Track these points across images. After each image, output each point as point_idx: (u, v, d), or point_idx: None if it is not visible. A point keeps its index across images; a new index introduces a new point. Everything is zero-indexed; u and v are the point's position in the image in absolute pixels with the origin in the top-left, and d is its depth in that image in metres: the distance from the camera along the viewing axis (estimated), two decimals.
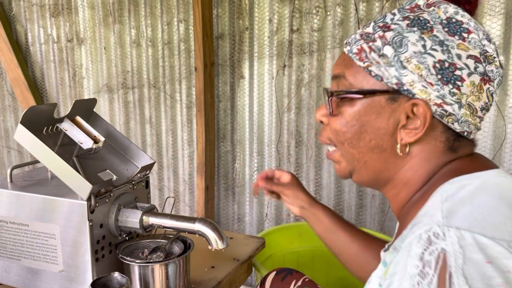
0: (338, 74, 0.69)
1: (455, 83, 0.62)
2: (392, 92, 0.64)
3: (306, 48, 1.98)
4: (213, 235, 0.93)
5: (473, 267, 0.49)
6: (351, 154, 0.70)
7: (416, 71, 0.62)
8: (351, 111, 0.67)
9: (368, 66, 0.65)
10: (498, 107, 1.68)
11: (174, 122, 2.35)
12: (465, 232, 0.51)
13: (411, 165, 0.67)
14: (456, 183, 0.60)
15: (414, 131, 0.64)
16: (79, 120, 1.04)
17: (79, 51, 2.54)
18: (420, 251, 0.52)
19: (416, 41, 0.62)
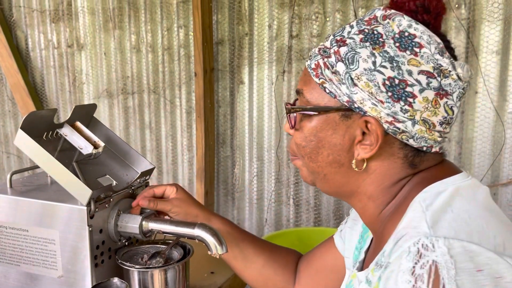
0: (298, 90, 0.71)
1: (407, 99, 0.61)
2: (344, 109, 0.64)
3: (306, 54, 1.99)
4: (213, 240, 0.92)
5: (465, 276, 0.49)
6: (311, 167, 0.71)
7: (366, 89, 0.62)
8: (309, 127, 0.69)
9: (322, 83, 0.66)
10: (498, 113, 1.68)
11: (173, 128, 2.35)
12: (453, 241, 0.51)
13: (372, 180, 0.67)
14: (430, 191, 0.60)
15: (370, 147, 0.64)
16: (79, 126, 1.04)
17: (79, 56, 2.55)
18: (411, 265, 0.51)
19: (367, 57, 0.62)
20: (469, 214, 0.55)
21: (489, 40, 1.68)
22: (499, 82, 1.69)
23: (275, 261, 0.98)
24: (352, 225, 0.88)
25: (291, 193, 2.13)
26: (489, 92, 1.69)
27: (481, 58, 1.69)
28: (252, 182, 2.21)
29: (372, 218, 0.70)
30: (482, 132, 1.72)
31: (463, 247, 0.51)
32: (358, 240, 0.84)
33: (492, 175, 1.72)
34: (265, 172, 2.17)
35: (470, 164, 1.75)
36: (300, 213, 2.13)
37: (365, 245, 0.80)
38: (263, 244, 1.00)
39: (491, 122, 1.70)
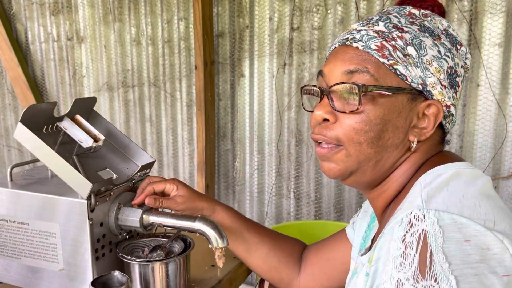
0: (357, 68, 0.65)
1: (456, 88, 0.68)
2: (414, 92, 0.66)
3: (307, 46, 1.98)
4: (213, 233, 0.93)
5: (452, 245, 0.52)
6: (366, 154, 0.67)
7: (437, 74, 0.65)
8: (376, 109, 0.65)
9: (393, 64, 0.64)
10: (499, 106, 1.68)
11: (174, 121, 2.35)
12: (444, 213, 0.54)
13: (411, 159, 0.69)
14: (432, 173, 0.63)
15: (424, 131, 0.67)
16: (79, 119, 1.03)
17: (79, 49, 2.54)
18: (402, 234, 0.54)
19: (432, 46, 0.66)
20: (464, 194, 0.58)
21: (492, 32, 1.67)
22: (501, 75, 1.68)
23: (279, 249, 0.99)
24: (362, 216, 0.90)
25: (291, 187, 2.13)
26: (491, 85, 1.68)
27: (483, 51, 1.68)
28: (253, 175, 2.21)
29: (387, 201, 0.72)
30: (483, 125, 1.72)
31: (452, 219, 0.53)
32: (365, 230, 0.85)
33: (493, 168, 1.72)
34: (265, 165, 2.17)
35: (471, 158, 1.75)
36: (300, 206, 2.13)
37: (370, 233, 0.81)
38: (267, 233, 1.01)
39: (493, 115, 1.70)
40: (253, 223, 1.03)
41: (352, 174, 0.70)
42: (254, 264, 1.01)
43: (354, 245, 0.87)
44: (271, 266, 0.99)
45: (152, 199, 0.96)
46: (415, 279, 0.51)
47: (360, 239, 0.86)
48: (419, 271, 0.51)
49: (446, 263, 0.50)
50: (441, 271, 0.50)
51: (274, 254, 0.98)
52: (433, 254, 0.51)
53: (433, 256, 0.51)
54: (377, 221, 0.81)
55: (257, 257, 1.00)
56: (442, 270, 0.50)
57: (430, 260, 0.51)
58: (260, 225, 1.04)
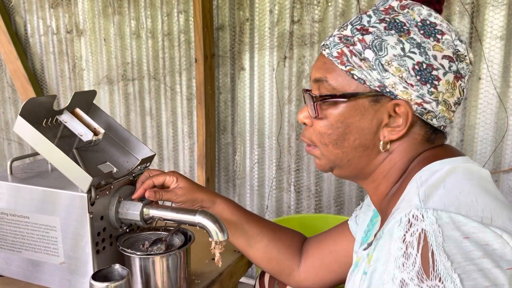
0: (320, 78, 0.70)
1: (433, 82, 0.66)
2: (375, 94, 0.67)
3: (307, 39, 1.97)
4: (214, 227, 0.93)
5: (452, 243, 0.52)
6: (335, 154, 0.72)
7: (397, 74, 0.65)
8: (336, 114, 0.70)
9: (350, 70, 0.67)
10: (501, 99, 1.67)
11: (174, 114, 2.35)
12: (441, 212, 0.54)
13: (391, 159, 0.70)
14: (428, 170, 0.64)
15: (397, 129, 0.68)
16: (79, 112, 1.03)
17: (78, 42, 2.53)
18: (401, 234, 0.55)
19: (395, 44, 0.65)
20: (461, 190, 0.59)
21: (493, 25, 1.66)
22: (503, 68, 1.67)
23: (279, 240, 0.99)
24: (365, 210, 0.91)
25: (292, 180, 2.13)
26: (493, 78, 1.68)
27: (485, 44, 1.67)
28: (253, 169, 2.21)
29: (381, 197, 0.74)
30: (484, 119, 1.71)
31: (450, 217, 0.54)
32: (367, 224, 0.85)
33: (494, 162, 1.72)
34: (266, 159, 2.17)
35: (472, 151, 1.75)
36: (301, 199, 2.13)
37: (373, 228, 0.81)
38: (267, 224, 1.01)
39: (494, 108, 1.69)
40: (253, 215, 1.03)
41: (332, 169, 0.76)
42: (254, 256, 1.01)
43: (357, 239, 0.87)
44: (271, 257, 0.99)
45: (152, 192, 0.96)
46: (420, 279, 0.52)
47: (362, 233, 0.86)
48: (423, 270, 0.52)
49: (448, 262, 0.51)
50: (444, 270, 0.51)
51: (274, 246, 0.98)
52: (435, 253, 0.52)
53: (435, 255, 0.52)
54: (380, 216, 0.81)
55: (257, 249, 1.00)
56: (445, 269, 0.51)
57: (432, 260, 0.51)
58: (259, 217, 1.04)
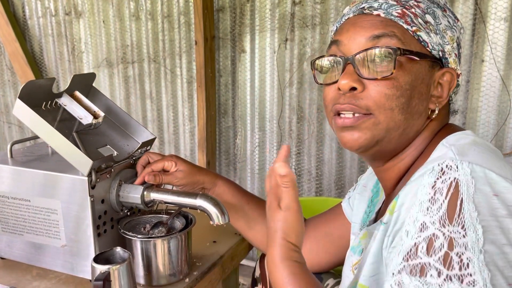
0: (383, 33, 0.64)
1: (460, 59, 0.69)
2: (436, 59, 0.67)
3: (309, 21, 1.94)
4: (215, 210, 0.93)
5: (482, 197, 0.52)
6: (397, 120, 0.65)
7: (451, 42, 0.67)
8: (406, 74, 0.64)
9: (416, 30, 0.65)
10: (504, 82, 1.66)
11: (174, 97, 2.33)
12: (476, 166, 0.54)
13: (429, 127, 0.70)
14: (454, 137, 0.64)
15: (440, 99, 0.68)
16: (78, 95, 1.02)
17: (77, 24, 2.50)
18: (432, 180, 0.55)
19: (442, 17, 0.67)
20: (490, 154, 0.59)
21: (498, 6, 1.63)
22: (507, 50, 1.65)
23: None
24: (361, 191, 0.90)
25: (293, 163, 2.13)
26: (496, 61, 1.66)
27: (488, 26, 1.65)
28: (254, 152, 2.21)
29: (401, 172, 0.72)
30: (487, 102, 1.70)
31: (484, 173, 0.54)
32: (367, 205, 0.85)
33: (495, 145, 1.71)
34: (267, 142, 2.17)
35: None
36: (301, 183, 2.13)
37: (375, 208, 0.81)
38: None
39: (497, 91, 1.68)
40: (253, 197, 1.03)
41: (377, 144, 0.68)
42: (253, 238, 1.02)
43: (354, 220, 0.87)
44: None
45: (152, 175, 0.96)
46: (441, 224, 0.52)
47: (362, 214, 0.85)
48: (446, 216, 0.52)
49: (475, 212, 0.51)
50: (470, 219, 0.51)
51: None
52: (464, 202, 0.52)
53: (464, 204, 0.52)
54: (382, 196, 0.80)
55: (257, 231, 1.01)
56: (470, 219, 0.51)
57: (460, 208, 0.51)
58: (260, 199, 1.04)
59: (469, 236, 0.50)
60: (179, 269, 0.97)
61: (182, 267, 0.97)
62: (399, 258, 0.55)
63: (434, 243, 0.51)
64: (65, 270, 0.98)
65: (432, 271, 0.51)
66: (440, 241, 0.51)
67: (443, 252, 0.51)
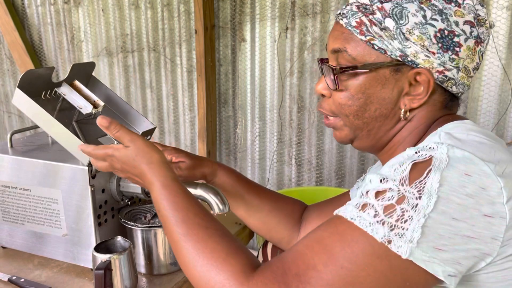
0: (338, 48, 0.70)
1: (454, 49, 0.65)
2: (396, 64, 0.66)
3: (309, 9, 1.92)
4: (215, 200, 0.93)
5: (452, 173, 0.54)
6: (356, 124, 0.72)
7: (419, 42, 0.65)
8: (356, 85, 0.69)
9: (370, 39, 0.66)
10: (505, 71, 1.65)
11: (174, 87, 2.32)
12: (457, 149, 0.56)
13: (409, 126, 0.71)
14: (448, 126, 0.65)
15: (418, 97, 0.68)
16: (78, 85, 1.02)
17: (76, 13, 2.48)
18: (411, 153, 0.58)
19: (416, 12, 0.64)
20: (481, 142, 0.60)
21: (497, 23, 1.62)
22: (508, 39, 1.64)
23: (279, 210, 1.00)
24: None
25: (293, 153, 2.13)
26: (498, 50, 1.65)
27: (490, 14, 1.63)
28: (254, 142, 2.21)
29: None
30: (488, 91, 1.69)
31: (463, 154, 0.55)
32: None
33: (496, 134, 1.71)
34: (267, 132, 2.16)
35: None
36: (302, 173, 2.13)
37: None
38: (268, 194, 1.02)
39: (498, 80, 1.67)
40: (254, 185, 1.03)
41: (353, 141, 0.76)
42: (254, 225, 1.03)
43: None
44: (270, 227, 1.00)
45: None
46: (401, 182, 0.55)
47: None
48: (408, 177, 0.55)
49: (437, 183, 0.53)
50: (430, 187, 0.53)
51: (274, 215, 0.99)
52: (432, 172, 0.54)
53: (431, 173, 0.54)
54: None
55: (257, 219, 1.01)
56: (430, 187, 0.53)
57: (425, 175, 0.54)
58: (260, 187, 1.04)
59: (422, 200, 0.53)
60: None
61: None
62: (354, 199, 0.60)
63: (386, 193, 0.55)
64: (67, 259, 0.99)
65: (370, 210, 0.55)
66: (392, 194, 0.55)
67: (390, 202, 0.54)
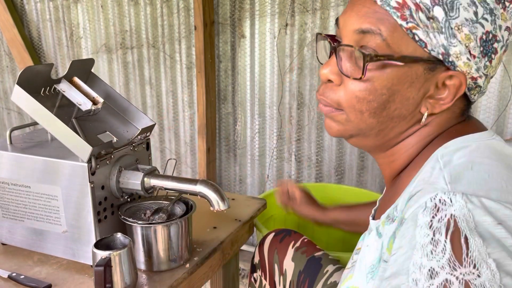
0: (369, 29, 0.58)
1: (490, 55, 0.58)
2: (433, 62, 0.58)
3: (309, 5, 1.92)
4: (215, 196, 0.93)
5: (485, 229, 0.48)
6: (368, 123, 0.62)
7: (465, 42, 0.56)
8: (383, 78, 0.58)
9: (412, 28, 0.56)
10: (505, 67, 1.64)
11: (174, 83, 2.32)
12: (471, 196, 0.49)
13: (422, 132, 0.63)
14: (450, 147, 0.58)
15: (441, 102, 0.60)
16: (77, 81, 1.02)
17: (75, 9, 2.47)
18: (427, 219, 0.50)
19: (468, 6, 0.55)
20: (489, 173, 0.53)
21: None
22: None
23: None
24: None
25: (293, 150, 2.13)
26: None
27: None
28: (254, 138, 2.20)
29: (395, 172, 0.68)
30: (488, 87, 1.69)
31: (481, 202, 0.49)
32: None
33: (496, 131, 1.71)
34: (267, 128, 2.16)
35: None
36: (301, 169, 2.13)
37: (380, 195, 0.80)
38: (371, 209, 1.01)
39: (498, 77, 1.67)
40: (361, 208, 1.09)
41: (352, 137, 0.66)
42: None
43: None
44: None
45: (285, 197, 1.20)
46: (452, 267, 0.47)
47: None
48: (454, 257, 0.47)
49: (483, 246, 0.47)
50: (479, 256, 0.46)
51: None
52: (469, 238, 0.47)
53: (469, 240, 0.47)
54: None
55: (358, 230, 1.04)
56: (479, 255, 0.46)
57: (466, 246, 0.47)
58: (366, 206, 1.08)
59: (484, 274, 0.46)
60: (180, 255, 0.97)
61: (183, 253, 0.98)
62: None
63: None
64: (66, 255, 0.99)
65: None
66: (456, 286, 0.46)
67: None
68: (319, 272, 1.00)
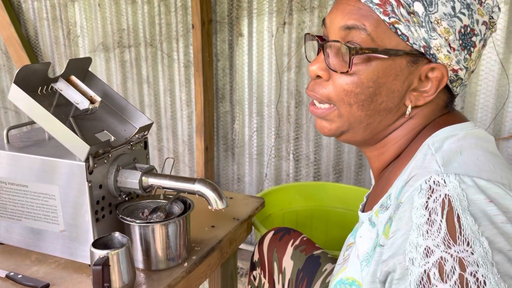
0: (355, 25, 0.61)
1: (470, 49, 0.61)
2: (415, 55, 0.61)
3: (307, 4, 1.92)
4: (213, 195, 0.93)
5: (478, 207, 0.50)
6: (356, 116, 0.65)
7: (444, 35, 0.59)
8: (369, 71, 0.62)
9: (395, 22, 0.59)
10: (503, 65, 1.65)
11: (172, 82, 2.31)
12: (464, 176, 0.52)
13: (409, 124, 0.66)
14: (439, 135, 0.61)
15: (424, 95, 0.63)
16: (74, 80, 1.01)
17: (72, 8, 2.46)
18: (423, 200, 0.52)
19: (446, 1, 0.58)
20: (478, 157, 0.56)
21: None
22: (506, 33, 1.64)
23: None
24: None
25: (291, 148, 2.13)
26: (495, 44, 1.64)
27: None
28: (252, 137, 2.20)
29: (384, 164, 0.70)
30: (486, 86, 1.69)
31: (473, 181, 0.52)
32: None
33: (494, 129, 1.71)
34: (265, 127, 2.16)
35: (472, 119, 1.74)
36: (299, 168, 2.13)
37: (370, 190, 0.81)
38: None
39: (496, 75, 1.67)
40: None
41: (343, 134, 0.69)
42: None
43: None
44: None
45: None
46: (446, 245, 0.49)
47: None
48: (449, 236, 0.49)
49: (475, 225, 0.49)
50: (472, 234, 0.49)
51: None
52: (461, 217, 0.49)
53: (461, 219, 0.49)
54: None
55: None
56: (472, 233, 0.49)
57: (459, 224, 0.49)
58: None
59: (477, 251, 0.48)
60: (178, 254, 0.97)
61: (181, 252, 0.98)
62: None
63: (444, 267, 0.49)
64: (64, 255, 0.99)
65: None
66: (450, 263, 0.48)
67: (457, 274, 0.48)
68: (318, 270, 1.00)
